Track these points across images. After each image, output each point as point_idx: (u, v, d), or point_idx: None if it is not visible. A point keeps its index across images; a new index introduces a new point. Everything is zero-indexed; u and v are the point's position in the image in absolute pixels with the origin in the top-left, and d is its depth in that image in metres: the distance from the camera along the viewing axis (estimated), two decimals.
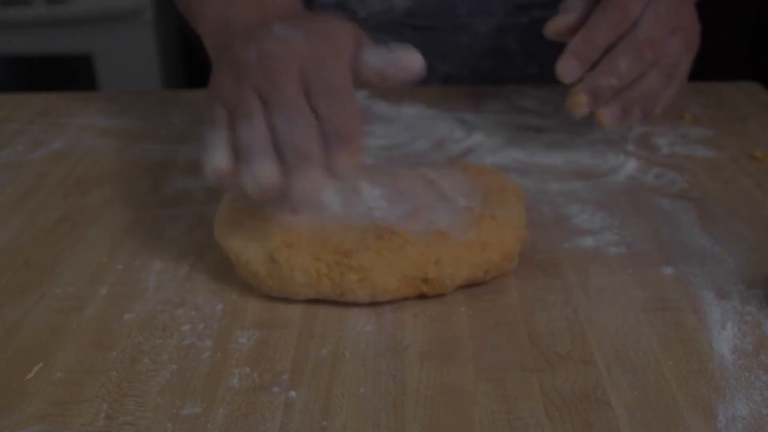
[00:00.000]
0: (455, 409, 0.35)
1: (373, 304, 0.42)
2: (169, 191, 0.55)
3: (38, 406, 0.36)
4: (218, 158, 0.40)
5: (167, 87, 1.75)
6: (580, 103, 0.53)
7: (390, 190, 0.46)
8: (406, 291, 0.42)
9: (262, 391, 0.36)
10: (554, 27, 0.55)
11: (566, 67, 0.52)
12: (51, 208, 0.53)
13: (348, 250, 0.41)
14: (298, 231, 0.42)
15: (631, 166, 0.58)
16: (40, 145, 0.63)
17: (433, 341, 0.40)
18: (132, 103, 0.72)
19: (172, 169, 0.58)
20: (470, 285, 0.44)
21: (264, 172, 0.39)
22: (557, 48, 0.76)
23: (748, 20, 1.75)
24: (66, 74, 1.73)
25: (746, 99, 0.71)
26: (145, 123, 0.67)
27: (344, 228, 0.43)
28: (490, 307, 0.42)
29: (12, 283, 0.45)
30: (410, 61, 0.43)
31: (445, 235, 0.42)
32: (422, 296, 0.43)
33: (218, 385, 0.37)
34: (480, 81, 0.76)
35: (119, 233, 0.50)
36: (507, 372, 0.37)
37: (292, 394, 0.36)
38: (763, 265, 0.46)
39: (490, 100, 0.71)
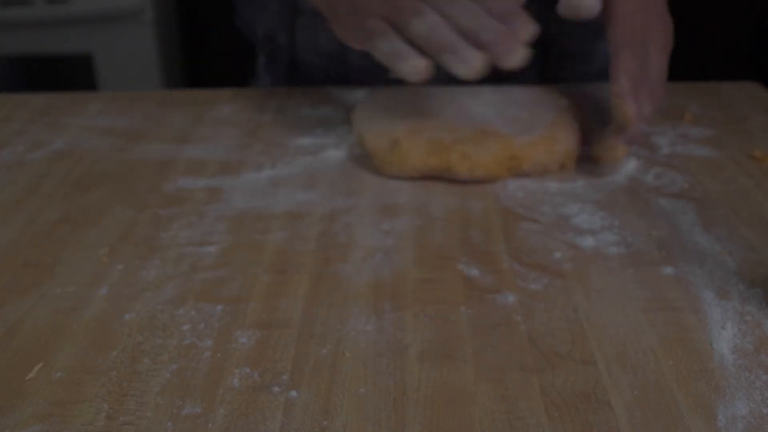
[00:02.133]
0: (455, 409, 0.35)
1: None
2: (169, 191, 0.55)
3: (38, 406, 0.36)
4: (416, 60, 0.48)
5: (167, 87, 1.75)
6: (623, 153, 0.57)
7: (485, 102, 0.59)
8: (497, 169, 0.54)
9: (263, 391, 0.36)
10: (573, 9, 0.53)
11: (634, 110, 0.53)
12: (51, 208, 0.53)
13: (454, 138, 0.54)
14: (418, 126, 0.55)
15: (631, 166, 0.58)
16: (40, 145, 0.63)
17: (433, 341, 0.40)
18: (132, 103, 0.72)
19: (172, 169, 0.59)
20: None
21: (475, 57, 0.47)
22: (554, 48, 0.76)
23: (748, 20, 1.75)
24: (66, 74, 1.73)
25: (747, 99, 0.71)
26: (145, 123, 0.67)
27: (453, 126, 0.55)
28: (490, 307, 0.42)
29: (12, 283, 0.45)
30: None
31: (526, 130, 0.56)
32: (515, 175, 0.55)
33: (218, 384, 0.37)
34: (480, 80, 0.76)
35: (119, 233, 0.50)
36: (507, 372, 0.38)
37: (293, 393, 0.36)
38: (763, 265, 0.46)
39: None
